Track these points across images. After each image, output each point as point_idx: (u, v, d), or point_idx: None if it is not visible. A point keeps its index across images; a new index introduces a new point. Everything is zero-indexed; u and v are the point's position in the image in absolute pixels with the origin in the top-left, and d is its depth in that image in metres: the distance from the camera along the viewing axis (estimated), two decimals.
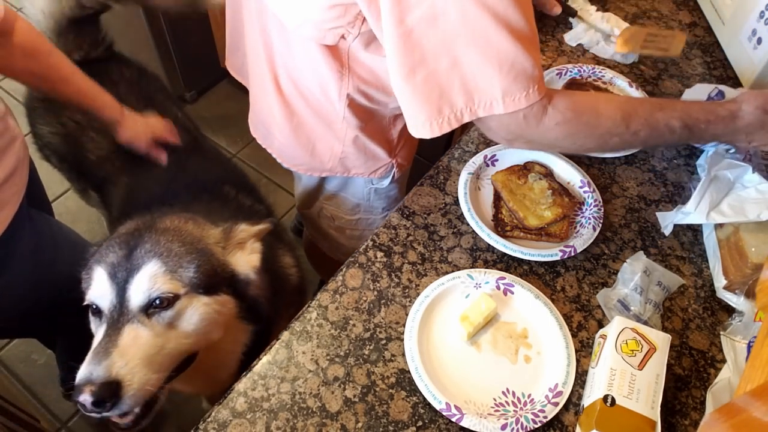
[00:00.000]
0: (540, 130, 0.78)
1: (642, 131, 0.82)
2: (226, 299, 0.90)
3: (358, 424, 0.77)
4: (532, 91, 0.73)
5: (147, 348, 0.80)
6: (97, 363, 0.77)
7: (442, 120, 0.75)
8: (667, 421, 0.78)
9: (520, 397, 0.79)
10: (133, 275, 0.83)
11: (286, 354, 0.82)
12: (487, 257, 0.94)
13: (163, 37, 2.12)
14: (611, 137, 0.82)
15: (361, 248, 0.93)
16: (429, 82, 0.73)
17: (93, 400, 0.74)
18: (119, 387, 0.76)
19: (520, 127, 0.78)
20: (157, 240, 0.87)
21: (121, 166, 1.28)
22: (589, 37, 1.26)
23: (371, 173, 1.14)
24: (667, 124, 0.82)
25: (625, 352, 0.75)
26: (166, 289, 0.83)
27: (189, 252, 0.87)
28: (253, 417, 0.77)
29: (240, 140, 2.30)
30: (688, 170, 1.07)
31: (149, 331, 0.81)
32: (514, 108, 0.74)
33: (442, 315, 0.86)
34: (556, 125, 0.78)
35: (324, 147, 1.07)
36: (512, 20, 0.69)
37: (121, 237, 0.90)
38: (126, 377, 0.76)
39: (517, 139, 0.82)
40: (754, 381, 0.64)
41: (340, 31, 0.84)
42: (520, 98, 0.73)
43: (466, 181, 0.99)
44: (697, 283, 0.93)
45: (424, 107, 0.74)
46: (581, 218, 0.98)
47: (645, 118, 0.82)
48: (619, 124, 0.80)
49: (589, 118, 0.80)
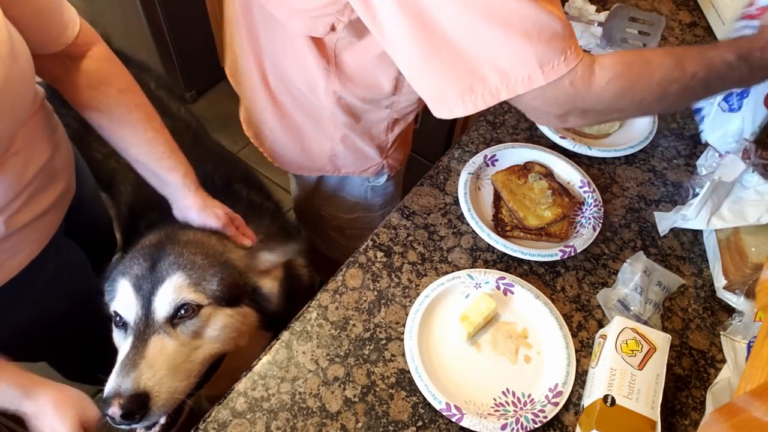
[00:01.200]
0: (593, 92, 0.71)
1: (699, 72, 0.74)
2: (248, 311, 0.90)
3: (358, 424, 0.77)
4: (570, 53, 0.67)
5: (173, 358, 0.80)
6: (125, 375, 0.77)
7: (476, 97, 0.69)
8: (667, 421, 0.78)
9: (520, 397, 0.79)
10: (158, 287, 0.83)
11: (286, 354, 0.82)
12: (487, 257, 0.93)
13: (163, 37, 2.12)
14: (670, 84, 0.73)
15: (361, 248, 0.93)
16: (454, 60, 0.68)
17: (122, 413, 0.74)
18: (148, 398, 0.76)
19: (570, 96, 0.71)
20: (180, 252, 0.88)
21: (126, 163, 1.28)
22: (587, 38, 1.26)
23: (362, 172, 1.14)
24: (723, 60, 0.74)
25: (625, 352, 0.75)
26: (191, 299, 0.83)
27: (212, 265, 0.88)
28: (253, 417, 0.77)
29: (240, 140, 2.30)
30: (688, 170, 1.07)
31: (175, 341, 0.81)
32: (556, 75, 0.67)
33: (442, 315, 0.86)
34: (609, 83, 0.70)
35: (314, 145, 1.07)
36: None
37: (145, 249, 0.91)
38: (154, 388, 0.77)
39: (571, 112, 0.74)
40: (754, 381, 0.64)
41: (329, 20, 0.82)
42: (559, 64, 0.67)
43: (466, 181, 0.99)
44: (697, 283, 0.93)
45: (454, 85, 0.70)
46: (581, 218, 0.98)
47: (698, 58, 0.74)
48: (674, 68, 0.73)
49: (642, 67, 0.73)
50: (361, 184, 1.19)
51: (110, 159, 1.28)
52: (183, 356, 0.81)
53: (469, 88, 0.69)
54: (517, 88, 0.68)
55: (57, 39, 0.81)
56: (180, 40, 2.16)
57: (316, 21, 0.83)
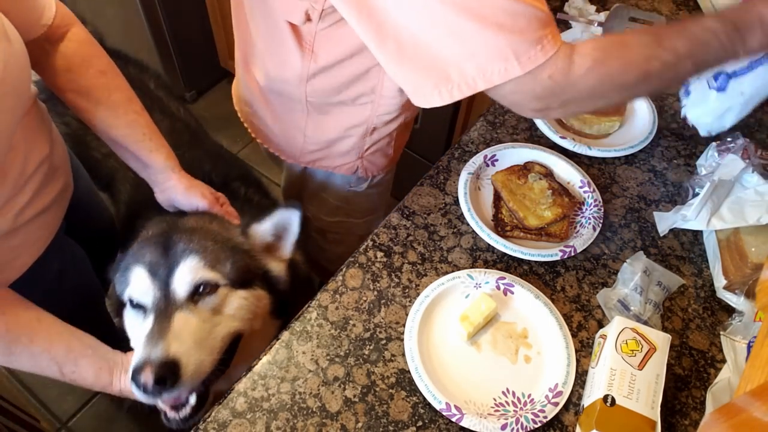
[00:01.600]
0: (572, 81, 0.69)
1: (680, 46, 0.70)
2: (261, 294, 0.92)
3: (358, 424, 0.77)
4: (547, 42, 0.65)
5: (197, 332, 0.81)
6: (154, 345, 0.77)
7: (452, 87, 0.69)
8: (667, 421, 0.78)
9: (520, 397, 0.79)
10: (174, 269, 0.85)
11: (286, 354, 0.82)
12: (487, 257, 0.93)
13: (163, 37, 2.12)
14: (650, 62, 0.70)
15: (361, 248, 0.93)
16: (428, 51, 0.67)
17: (154, 379, 0.74)
18: (177, 366, 0.76)
19: (549, 87, 0.69)
20: (189, 238, 0.89)
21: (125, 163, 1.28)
22: (587, 38, 1.27)
23: (335, 168, 1.14)
24: (705, 28, 0.71)
25: (625, 352, 0.75)
26: (209, 277, 0.85)
27: (222, 249, 0.89)
28: (253, 417, 0.77)
29: (240, 140, 2.30)
30: (688, 170, 1.07)
31: (197, 317, 0.82)
32: (533, 65, 0.66)
33: (442, 315, 0.86)
34: (588, 70, 0.69)
35: (290, 129, 1.08)
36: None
37: (152, 239, 0.92)
38: (183, 357, 0.77)
39: (551, 105, 0.72)
40: (754, 381, 0.64)
41: (304, 6, 0.82)
42: (536, 53, 0.65)
43: (466, 181, 0.99)
44: (697, 283, 0.93)
45: (429, 75, 0.69)
46: (581, 218, 0.98)
47: (677, 32, 0.71)
48: (650, 44, 0.70)
49: (619, 50, 0.71)
50: (342, 186, 1.19)
51: (109, 158, 1.28)
52: (206, 332, 0.82)
53: (445, 78, 0.68)
54: (494, 79, 0.67)
55: (37, 22, 0.81)
56: (180, 40, 2.16)
57: (291, 6, 0.83)
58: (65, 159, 0.99)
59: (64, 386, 1.69)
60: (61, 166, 0.96)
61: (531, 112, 0.75)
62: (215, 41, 2.27)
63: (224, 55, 2.32)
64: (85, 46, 0.89)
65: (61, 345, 0.82)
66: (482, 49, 0.66)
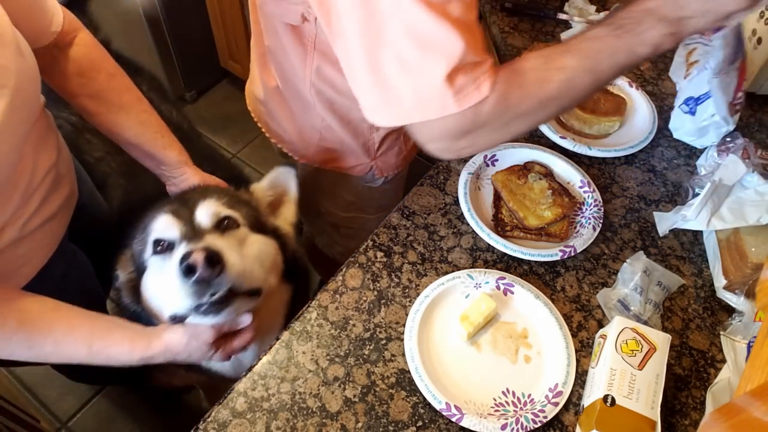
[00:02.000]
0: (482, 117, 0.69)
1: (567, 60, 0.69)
2: (276, 245, 0.92)
3: (358, 424, 0.77)
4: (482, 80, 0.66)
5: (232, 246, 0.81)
6: (195, 244, 0.77)
7: (391, 113, 0.70)
8: (667, 421, 0.78)
9: (520, 397, 0.79)
10: (196, 208, 0.85)
11: (286, 354, 0.82)
12: (487, 257, 0.94)
13: (163, 37, 2.12)
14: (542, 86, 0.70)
15: (361, 248, 0.93)
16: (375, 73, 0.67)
17: (205, 256, 0.72)
18: (221, 258, 0.75)
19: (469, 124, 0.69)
20: (204, 191, 0.92)
21: (117, 167, 1.28)
22: None
23: (348, 169, 1.14)
24: (590, 38, 0.70)
25: (625, 352, 0.75)
26: (229, 213, 0.86)
27: (235, 201, 0.91)
28: (253, 417, 0.77)
29: (240, 140, 2.30)
30: (688, 170, 1.07)
31: (225, 242, 0.81)
32: (469, 103, 0.66)
33: (442, 315, 0.86)
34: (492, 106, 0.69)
35: (305, 129, 1.09)
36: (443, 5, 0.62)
37: (170, 201, 0.93)
38: (224, 251, 0.76)
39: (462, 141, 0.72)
40: (754, 381, 0.64)
41: (299, 9, 0.83)
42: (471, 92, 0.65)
43: (466, 181, 0.99)
44: (697, 283, 0.93)
45: (373, 97, 0.70)
46: (581, 218, 0.98)
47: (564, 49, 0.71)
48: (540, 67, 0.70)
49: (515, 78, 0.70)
50: (357, 183, 1.19)
51: (101, 162, 1.29)
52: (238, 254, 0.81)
53: (384, 102, 0.69)
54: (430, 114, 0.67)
55: (47, 29, 0.82)
56: (180, 40, 2.16)
57: (286, 8, 0.84)
58: (70, 166, 1.00)
59: (64, 386, 1.69)
60: (67, 174, 0.97)
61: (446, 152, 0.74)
62: (215, 41, 2.27)
63: (224, 55, 2.32)
64: (93, 50, 0.90)
65: (84, 326, 0.80)
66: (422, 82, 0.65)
